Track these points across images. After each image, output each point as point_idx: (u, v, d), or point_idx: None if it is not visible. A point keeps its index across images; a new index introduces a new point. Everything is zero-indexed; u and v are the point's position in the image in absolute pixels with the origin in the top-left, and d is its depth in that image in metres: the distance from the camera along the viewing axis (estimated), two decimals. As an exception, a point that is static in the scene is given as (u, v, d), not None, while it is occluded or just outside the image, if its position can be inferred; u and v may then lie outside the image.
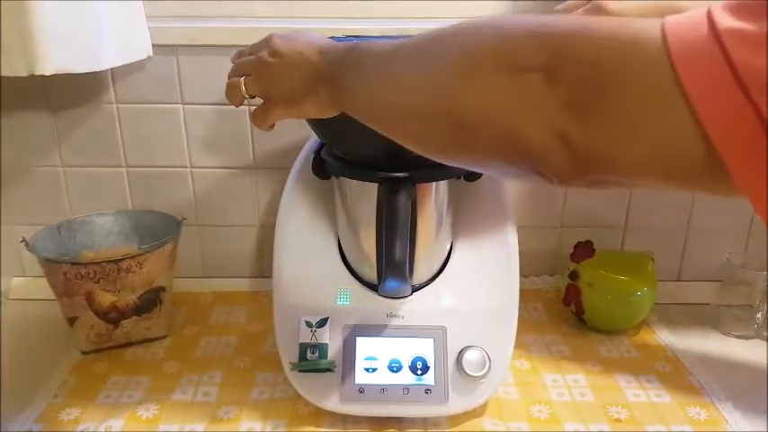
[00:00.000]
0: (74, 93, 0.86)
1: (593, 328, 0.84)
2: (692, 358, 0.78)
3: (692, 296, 0.91)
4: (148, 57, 0.82)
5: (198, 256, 0.94)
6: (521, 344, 0.81)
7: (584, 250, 0.84)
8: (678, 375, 0.75)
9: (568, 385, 0.73)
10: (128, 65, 0.81)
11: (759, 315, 0.81)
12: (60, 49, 0.70)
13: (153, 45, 0.82)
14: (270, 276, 0.71)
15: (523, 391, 0.72)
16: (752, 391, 0.72)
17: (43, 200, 0.91)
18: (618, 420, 0.67)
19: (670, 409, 0.69)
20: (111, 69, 0.84)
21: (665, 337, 0.83)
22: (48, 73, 0.69)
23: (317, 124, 0.62)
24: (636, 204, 0.92)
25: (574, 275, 0.84)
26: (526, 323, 0.86)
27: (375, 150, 0.59)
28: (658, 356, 0.79)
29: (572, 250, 0.86)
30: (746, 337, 0.82)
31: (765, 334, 0.81)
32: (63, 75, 0.71)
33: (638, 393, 0.72)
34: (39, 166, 0.89)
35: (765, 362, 0.78)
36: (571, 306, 0.85)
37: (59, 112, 0.87)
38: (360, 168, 0.62)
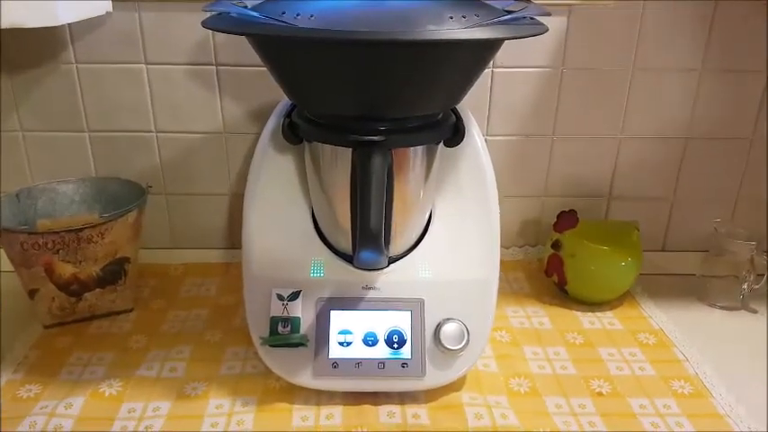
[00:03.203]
0: (30, 52, 0.81)
1: (575, 299, 0.82)
2: (676, 330, 0.76)
3: (677, 267, 0.89)
4: (107, 13, 0.77)
5: (166, 226, 0.90)
6: (501, 315, 0.79)
7: (567, 219, 0.82)
8: (662, 347, 0.73)
9: (549, 358, 0.71)
10: (86, 21, 0.76)
11: (745, 286, 0.79)
12: (10, 2, 0.64)
13: (113, 0, 0.77)
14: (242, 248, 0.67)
15: (503, 365, 0.70)
16: (737, 364, 0.70)
17: (1, 166, 0.86)
18: (600, 394, 0.65)
19: (654, 382, 0.67)
20: (69, 26, 0.79)
21: (649, 309, 0.81)
22: (-4, 27, 0.64)
23: (286, 82, 0.58)
24: (621, 173, 0.89)
25: (557, 245, 0.81)
26: (506, 294, 0.84)
27: (348, 110, 0.55)
28: (642, 328, 0.77)
29: (555, 220, 0.83)
30: (732, 309, 0.81)
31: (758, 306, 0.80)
32: (18, 32, 0.67)
33: (620, 366, 0.70)
34: (-5, 130, 0.85)
35: (751, 334, 0.76)
36: (553, 277, 0.83)
37: (16, 72, 0.82)
38: (332, 131, 0.58)
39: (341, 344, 0.63)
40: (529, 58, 0.83)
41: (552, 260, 0.82)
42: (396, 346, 0.63)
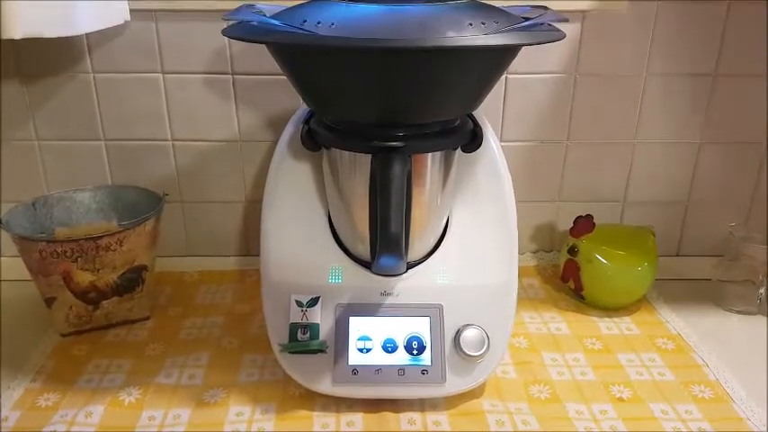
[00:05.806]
0: (47, 61, 0.81)
1: (591, 304, 0.82)
2: (694, 335, 0.76)
3: (692, 271, 0.89)
4: (125, 22, 0.78)
5: (181, 233, 0.91)
6: (518, 321, 0.78)
7: (584, 225, 0.82)
8: (681, 353, 0.73)
9: (568, 364, 0.71)
10: (104, 31, 0.76)
11: (762, 291, 0.79)
12: (30, 11, 0.65)
13: (130, 10, 0.78)
14: (257, 255, 0.67)
15: (522, 371, 0.70)
16: (756, 368, 0.70)
17: (17, 175, 0.87)
18: (621, 400, 0.65)
19: (674, 388, 0.67)
20: (87, 36, 0.80)
21: (666, 314, 0.80)
22: (17, 37, 0.64)
23: (306, 90, 0.59)
24: (635, 178, 0.89)
25: (573, 251, 0.81)
26: (522, 300, 0.84)
27: (369, 117, 0.56)
28: (660, 334, 0.76)
29: (572, 225, 0.83)
30: (749, 313, 0.80)
31: (768, 310, 0.80)
32: (35, 41, 0.67)
33: (640, 371, 0.69)
34: (11, 139, 0.85)
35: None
36: (570, 282, 0.82)
37: (32, 81, 0.82)
38: (352, 138, 0.58)
39: (360, 350, 0.63)
40: (543, 63, 0.83)
41: (568, 266, 0.82)
42: (415, 352, 0.63)
